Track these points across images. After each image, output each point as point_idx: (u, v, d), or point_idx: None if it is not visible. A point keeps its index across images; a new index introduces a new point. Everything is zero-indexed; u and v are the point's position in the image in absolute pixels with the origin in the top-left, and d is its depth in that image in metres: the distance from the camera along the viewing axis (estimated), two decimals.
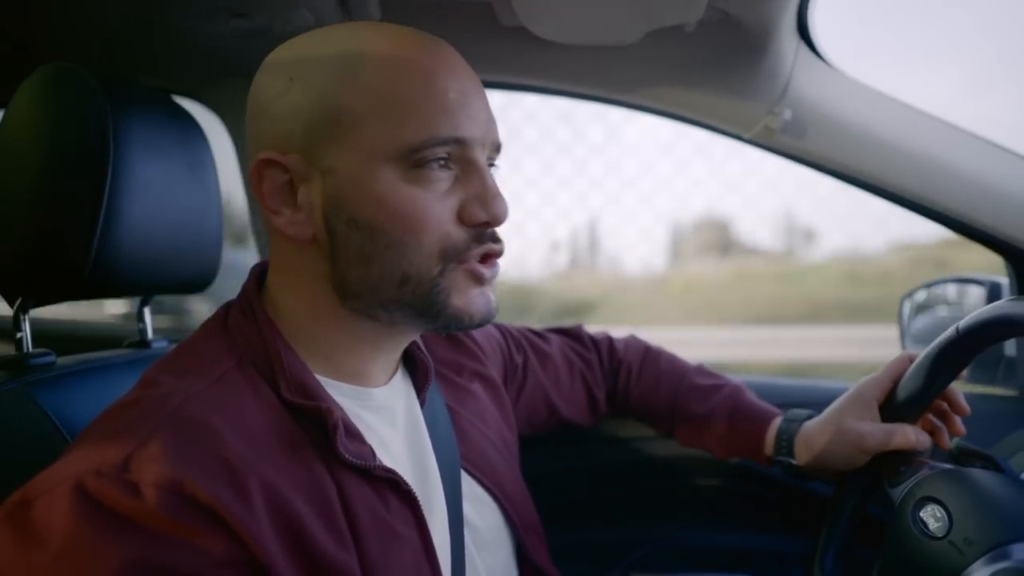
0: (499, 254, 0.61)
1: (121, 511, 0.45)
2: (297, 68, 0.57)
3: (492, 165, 0.62)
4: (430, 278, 0.57)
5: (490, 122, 0.60)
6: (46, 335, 0.80)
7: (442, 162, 0.57)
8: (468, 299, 0.59)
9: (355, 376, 0.63)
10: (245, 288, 0.64)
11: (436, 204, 0.56)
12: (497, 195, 0.58)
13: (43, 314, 0.78)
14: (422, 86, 0.56)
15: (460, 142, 0.57)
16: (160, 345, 0.93)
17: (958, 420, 0.80)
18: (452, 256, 0.57)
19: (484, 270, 0.59)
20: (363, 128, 0.55)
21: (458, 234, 0.57)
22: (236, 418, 0.53)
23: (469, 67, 0.60)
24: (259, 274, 0.65)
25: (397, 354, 0.68)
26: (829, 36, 1.03)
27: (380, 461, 0.58)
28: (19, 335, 0.74)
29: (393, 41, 0.57)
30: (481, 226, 0.58)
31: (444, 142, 0.56)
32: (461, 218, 0.58)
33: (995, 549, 0.59)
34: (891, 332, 1.24)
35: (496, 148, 0.62)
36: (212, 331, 0.61)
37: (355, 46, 0.57)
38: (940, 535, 0.63)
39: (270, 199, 0.58)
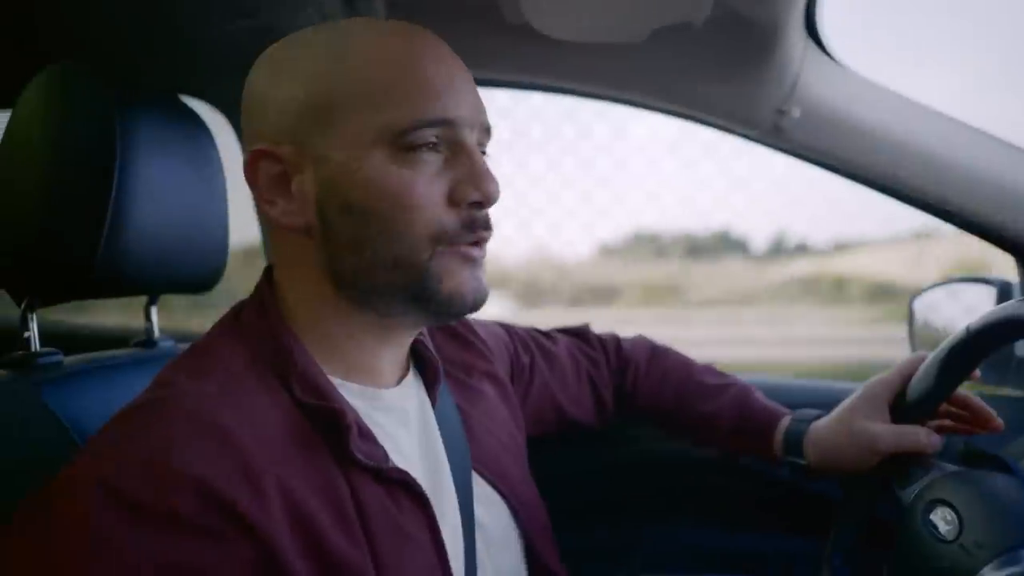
0: (488, 240, 0.62)
1: (144, 510, 0.46)
2: (287, 62, 0.59)
3: (483, 152, 0.63)
4: (421, 261, 0.57)
5: (478, 105, 0.61)
6: (54, 334, 0.80)
7: (431, 145, 0.57)
8: (459, 281, 0.59)
9: (366, 373, 0.63)
10: (258, 286, 0.64)
11: (426, 186, 0.57)
12: (488, 174, 0.59)
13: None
14: (408, 71, 0.57)
15: (448, 123, 0.57)
16: (166, 344, 0.93)
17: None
18: (442, 240, 0.58)
19: (474, 252, 0.60)
20: (352, 115, 0.56)
21: (449, 218, 0.58)
22: (250, 419, 0.53)
23: (455, 54, 0.61)
24: (272, 272, 0.65)
25: (404, 349, 0.68)
26: (837, 33, 1.02)
27: (392, 463, 0.58)
28: (26, 334, 0.74)
29: (379, 31, 0.59)
30: (473, 206, 0.59)
31: (432, 123, 0.57)
32: (452, 199, 0.58)
33: (1006, 553, 0.58)
34: None
35: (486, 132, 0.63)
36: (225, 331, 0.62)
37: (342, 38, 0.58)
38: (950, 538, 0.62)
39: (265, 190, 0.59)
